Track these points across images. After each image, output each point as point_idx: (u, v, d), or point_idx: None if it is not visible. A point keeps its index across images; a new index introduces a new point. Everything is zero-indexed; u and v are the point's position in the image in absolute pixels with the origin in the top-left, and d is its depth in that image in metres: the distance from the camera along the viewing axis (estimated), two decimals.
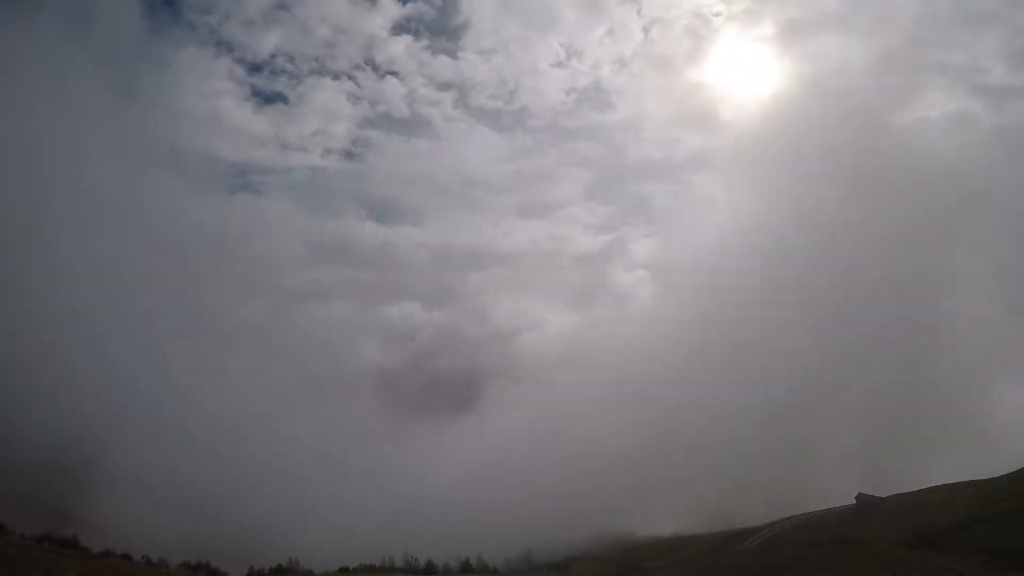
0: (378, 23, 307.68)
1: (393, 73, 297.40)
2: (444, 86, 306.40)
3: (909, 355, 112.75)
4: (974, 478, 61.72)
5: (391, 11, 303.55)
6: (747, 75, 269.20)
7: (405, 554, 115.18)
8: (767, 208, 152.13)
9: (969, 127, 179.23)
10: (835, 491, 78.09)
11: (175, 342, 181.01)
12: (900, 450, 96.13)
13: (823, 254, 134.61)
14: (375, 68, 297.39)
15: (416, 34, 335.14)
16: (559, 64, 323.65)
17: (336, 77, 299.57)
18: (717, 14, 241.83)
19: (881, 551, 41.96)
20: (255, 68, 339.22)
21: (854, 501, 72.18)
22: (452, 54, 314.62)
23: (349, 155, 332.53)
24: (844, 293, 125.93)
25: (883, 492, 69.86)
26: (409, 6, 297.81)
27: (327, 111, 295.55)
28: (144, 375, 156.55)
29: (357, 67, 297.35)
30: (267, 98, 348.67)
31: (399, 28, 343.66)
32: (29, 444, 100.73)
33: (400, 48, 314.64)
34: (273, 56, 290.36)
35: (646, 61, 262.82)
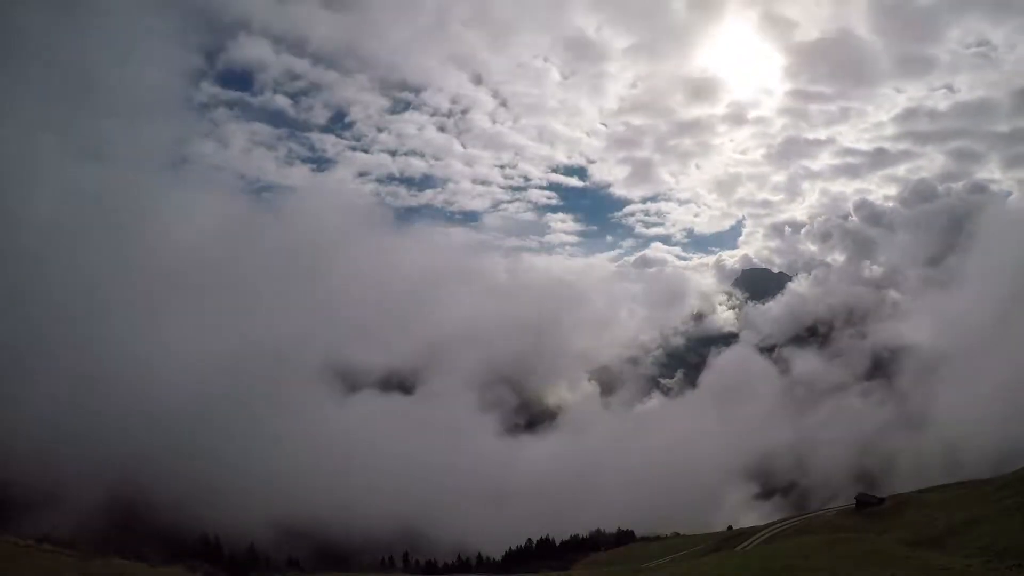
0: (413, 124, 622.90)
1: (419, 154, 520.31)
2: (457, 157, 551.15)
3: None
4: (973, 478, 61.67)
5: (421, 119, 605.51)
6: None
7: (405, 554, 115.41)
8: None
9: None
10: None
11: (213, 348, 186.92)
12: None
13: None
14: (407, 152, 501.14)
15: (443, 130, 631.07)
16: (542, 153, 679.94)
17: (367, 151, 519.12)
18: None
19: (881, 551, 41.83)
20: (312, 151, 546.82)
21: (854, 501, 72.27)
22: (463, 143, 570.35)
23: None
24: None
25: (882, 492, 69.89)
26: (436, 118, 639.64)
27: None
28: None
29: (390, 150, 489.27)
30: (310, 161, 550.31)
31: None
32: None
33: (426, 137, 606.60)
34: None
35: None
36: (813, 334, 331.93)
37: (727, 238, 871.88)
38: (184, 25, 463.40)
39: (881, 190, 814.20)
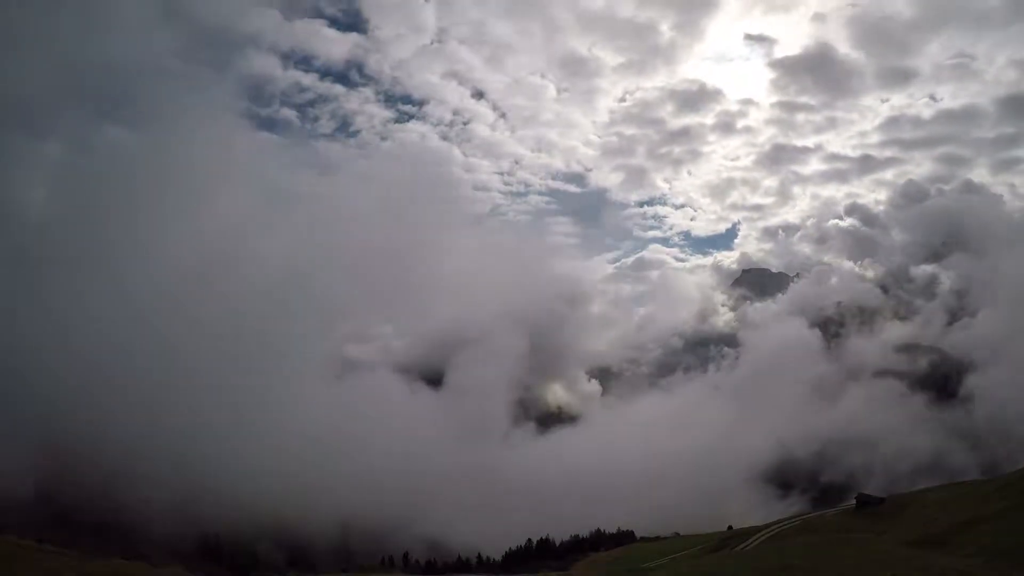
0: (416, 134, 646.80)
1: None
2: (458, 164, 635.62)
3: None
4: (973, 478, 61.56)
5: (423, 128, 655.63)
6: None
7: (405, 554, 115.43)
8: None
9: None
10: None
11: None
12: None
13: None
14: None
15: (447, 140, 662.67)
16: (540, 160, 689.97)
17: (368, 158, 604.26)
18: None
19: (881, 551, 41.85)
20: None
21: (854, 501, 72.22)
22: (464, 152, 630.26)
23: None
24: None
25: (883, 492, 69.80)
26: (439, 128, 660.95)
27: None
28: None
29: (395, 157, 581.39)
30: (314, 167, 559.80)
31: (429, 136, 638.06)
32: None
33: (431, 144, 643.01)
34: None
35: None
36: (821, 332, 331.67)
37: (723, 240, 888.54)
38: (193, 39, 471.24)
39: (872, 194, 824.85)
